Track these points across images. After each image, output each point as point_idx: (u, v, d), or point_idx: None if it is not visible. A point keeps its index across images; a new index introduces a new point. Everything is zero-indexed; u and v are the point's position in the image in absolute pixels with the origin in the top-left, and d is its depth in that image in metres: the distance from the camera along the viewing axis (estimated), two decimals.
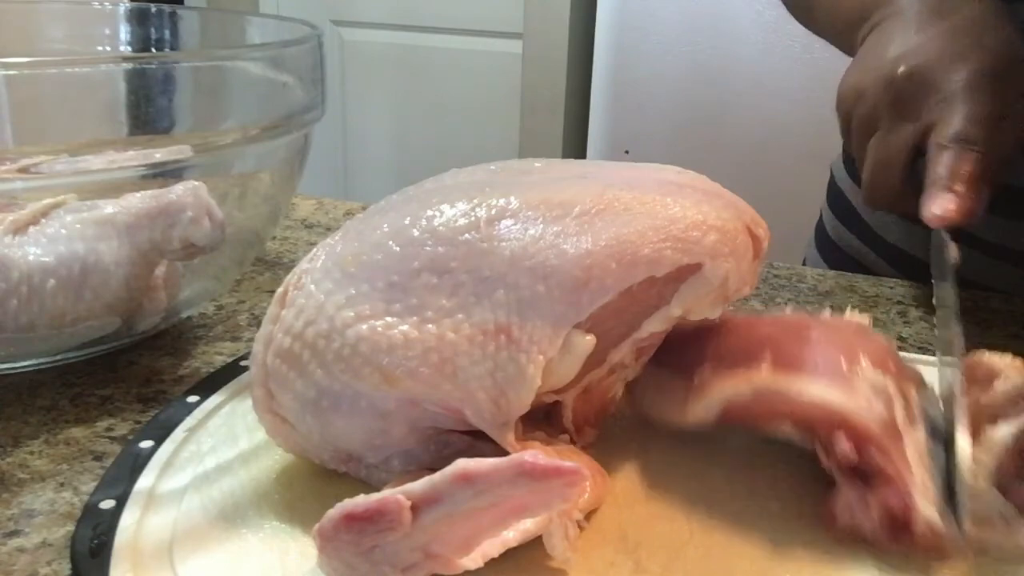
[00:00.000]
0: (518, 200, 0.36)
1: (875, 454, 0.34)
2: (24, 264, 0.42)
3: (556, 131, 1.96)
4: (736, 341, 0.39)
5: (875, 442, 0.34)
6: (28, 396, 0.45)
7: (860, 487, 0.34)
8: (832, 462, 0.35)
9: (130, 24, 0.65)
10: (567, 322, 0.34)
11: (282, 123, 0.49)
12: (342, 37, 2.17)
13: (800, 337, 0.39)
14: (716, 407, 0.37)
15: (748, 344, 0.39)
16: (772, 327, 0.40)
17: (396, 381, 0.33)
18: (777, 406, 0.36)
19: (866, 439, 0.34)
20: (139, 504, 0.35)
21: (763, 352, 0.37)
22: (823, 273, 0.67)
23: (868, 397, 0.35)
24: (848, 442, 0.34)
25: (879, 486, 0.34)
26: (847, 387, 0.35)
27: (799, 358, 0.37)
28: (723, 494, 0.37)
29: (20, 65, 0.41)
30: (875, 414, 0.35)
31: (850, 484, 0.34)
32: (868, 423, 0.34)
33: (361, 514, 0.28)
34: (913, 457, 0.34)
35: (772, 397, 0.36)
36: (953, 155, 0.46)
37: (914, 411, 0.36)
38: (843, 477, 0.35)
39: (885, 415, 0.35)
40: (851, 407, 0.35)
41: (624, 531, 0.35)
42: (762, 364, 0.37)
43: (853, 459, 0.34)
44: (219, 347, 0.51)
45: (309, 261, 0.36)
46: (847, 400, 0.35)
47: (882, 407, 0.35)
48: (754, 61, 1.59)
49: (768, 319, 0.41)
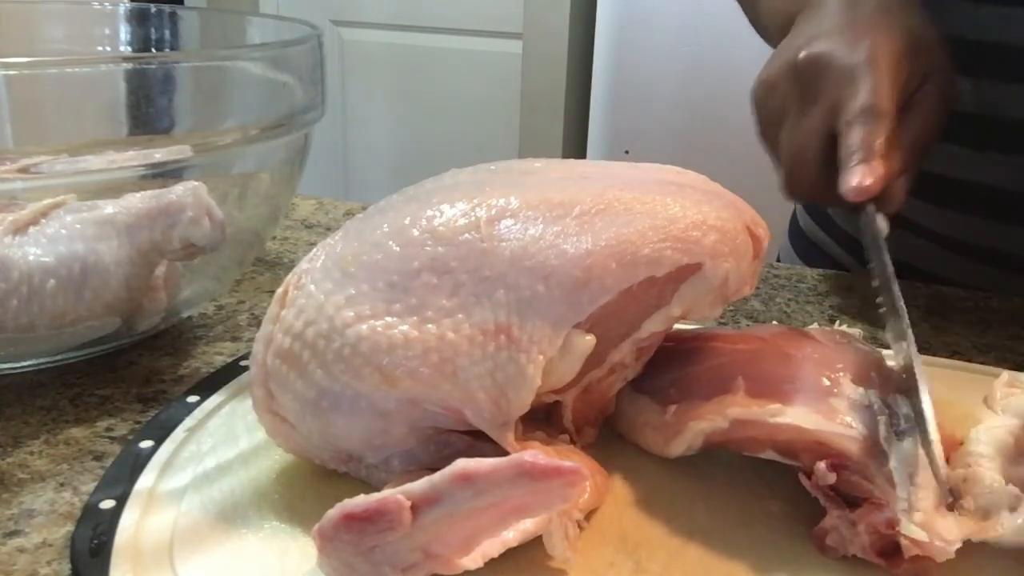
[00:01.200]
0: (518, 200, 0.36)
1: (855, 478, 0.33)
2: (24, 264, 0.42)
3: (556, 131, 1.96)
4: (710, 364, 0.39)
5: (854, 466, 0.33)
6: (28, 396, 0.45)
7: (845, 510, 0.33)
8: (814, 486, 0.34)
9: (130, 24, 0.65)
10: (567, 322, 0.34)
11: (282, 123, 0.49)
12: (342, 37, 2.17)
13: (778, 356, 0.38)
14: (697, 443, 0.37)
15: (724, 367, 0.38)
16: (749, 345, 0.39)
17: (396, 381, 0.33)
18: (755, 434, 0.36)
19: (844, 461, 0.34)
20: (139, 504, 0.35)
21: (737, 377, 0.37)
22: (823, 273, 0.67)
23: (846, 416, 0.35)
24: (827, 465, 0.34)
25: (863, 508, 0.33)
26: (824, 407, 0.35)
27: (775, 381, 0.36)
28: (723, 494, 0.37)
29: (20, 65, 0.41)
30: (854, 434, 0.34)
31: (836, 507, 0.34)
32: (846, 445, 0.34)
33: (361, 514, 0.28)
34: (900, 473, 0.33)
35: (748, 426, 0.36)
36: (861, 128, 0.47)
37: (901, 424, 0.35)
38: (827, 501, 0.34)
39: (865, 433, 0.34)
40: (828, 431, 0.34)
41: (624, 531, 0.35)
42: (737, 391, 0.36)
43: (831, 482, 0.33)
44: (219, 347, 0.51)
45: (309, 261, 0.36)
46: (824, 424, 0.34)
47: (862, 425, 0.34)
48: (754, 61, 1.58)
49: (746, 334, 0.41)
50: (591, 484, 0.34)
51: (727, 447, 0.37)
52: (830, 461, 0.34)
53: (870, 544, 0.33)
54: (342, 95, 2.20)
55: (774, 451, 0.36)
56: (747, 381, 0.37)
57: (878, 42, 0.49)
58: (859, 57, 0.48)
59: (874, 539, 0.32)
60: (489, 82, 2.04)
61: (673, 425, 0.38)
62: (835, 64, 0.49)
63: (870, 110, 0.47)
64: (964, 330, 0.57)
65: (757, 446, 0.36)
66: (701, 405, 0.37)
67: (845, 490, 0.34)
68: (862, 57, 0.48)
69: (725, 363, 0.38)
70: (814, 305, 0.60)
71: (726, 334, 0.41)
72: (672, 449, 0.38)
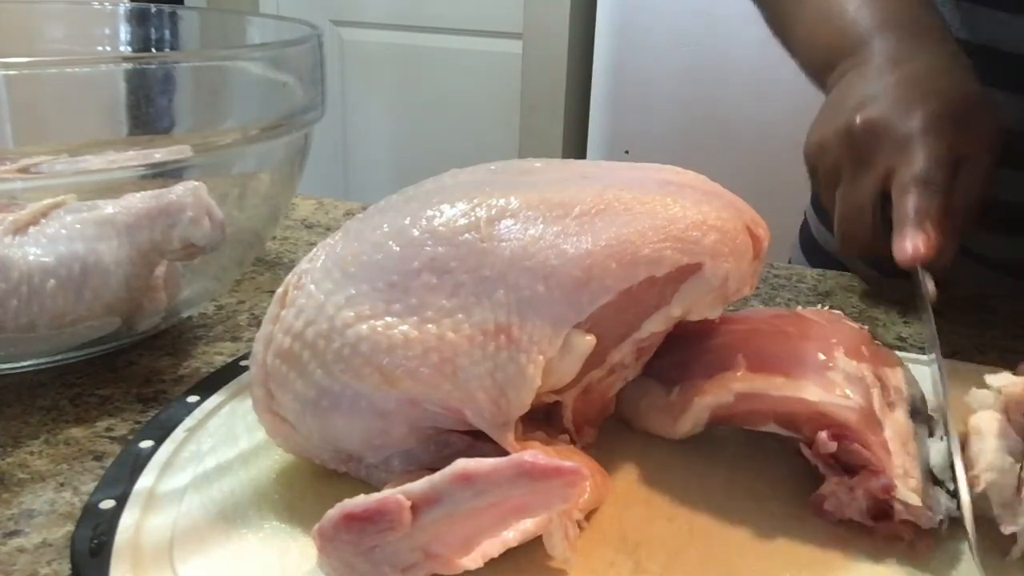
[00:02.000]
0: (518, 200, 0.36)
1: (854, 445, 0.35)
2: (24, 264, 0.42)
3: (556, 131, 1.96)
4: (712, 343, 0.40)
5: (853, 433, 0.35)
6: (28, 396, 0.45)
7: (844, 477, 0.35)
8: (815, 455, 0.36)
9: (130, 24, 0.65)
10: (567, 322, 0.34)
11: (282, 123, 0.49)
12: (342, 37, 2.17)
13: (774, 334, 0.40)
14: (703, 418, 0.38)
15: (724, 347, 0.39)
16: (746, 325, 0.41)
17: (396, 381, 0.33)
18: (758, 406, 0.37)
19: (844, 431, 0.35)
20: (139, 504, 0.35)
21: (739, 354, 0.38)
22: (823, 273, 0.67)
23: (844, 388, 0.36)
24: (827, 435, 0.35)
25: (861, 475, 0.34)
26: (823, 380, 0.36)
27: (774, 356, 0.38)
28: (723, 494, 0.37)
29: (20, 65, 0.41)
30: (852, 405, 0.35)
31: (834, 474, 0.35)
32: (845, 415, 0.35)
33: (361, 514, 0.28)
34: (893, 442, 0.35)
35: (752, 399, 0.37)
36: (915, 196, 0.48)
37: (892, 395, 0.38)
38: (827, 468, 0.36)
39: (862, 404, 0.36)
40: (827, 401, 0.36)
41: (624, 531, 0.35)
42: (738, 367, 0.38)
43: (832, 451, 0.35)
44: (219, 347, 0.51)
45: (309, 261, 0.36)
46: (823, 394, 0.36)
47: (859, 396, 0.36)
48: (754, 61, 1.59)
49: (741, 316, 0.42)
50: (591, 484, 0.34)
51: (731, 422, 0.38)
52: (831, 431, 0.35)
53: (866, 508, 0.34)
54: (342, 95, 2.20)
55: (776, 423, 0.37)
56: (747, 358, 0.38)
57: (932, 109, 0.50)
58: (914, 125, 0.49)
59: (870, 504, 0.34)
60: (489, 82, 2.04)
61: (679, 404, 0.39)
62: (891, 131, 0.50)
63: (923, 178, 0.48)
64: (964, 330, 0.57)
65: (760, 419, 0.37)
66: (704, 383, 0.38)
67: (844, 458, 0.35)
68: (917, 126, 0.49)
69: (724, 343, 0.40)
70: (814, 305, 0.60)
71: (723, 316, 0.42)
72: (679, 427, 0.39)
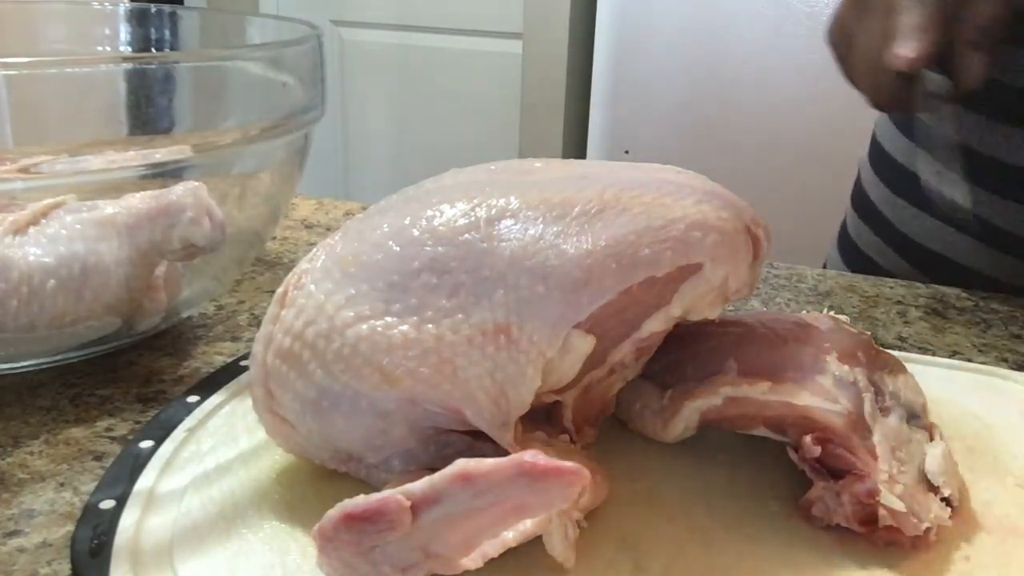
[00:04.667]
0: (518, 200, 0.36)
1: (839, 450, 0.35)
2: (24, 264, 0.42)
3: (556, 131, 1.96)
4: (705, 346, 0.40)
5: (838, 438, 0.35)
6: (28, 396, 0.45)
7: (830, 481, 0.35)
8: (801, 459, 0.36)
9: (130, 24, 0.65)
10: (567, 322, 0.34)
11: (282, 123, 0.49)
12: (342, 37, 2.17)
13: (766, 338, 0.40)
14: (693, 422, 0.39)
15: (716, 350, 0.40)
16: (741, 328, 0.41)
17: (396, 381, 0.33)
18: (747, 410, 0.37)
19: (829, 435, 0.35)
20: (139, 504, 0.35)
21: (730, 358, 0.39)
22: (823, 273, 0.67)
23: (832, 393, 0.36)
24: (811, 439, 0.35)
25: (846, 479, 0.34)
26: (811, 384, 0.37)
27: (764, 360, 0.38)
28: (723, 494, 0.37)
29: (20, 65, 0.41)
30: (839, 409, 0.36)
31: (821, 479, 0.35)
32: (831, 419, 0.35)
33: (361, 514, 0.28)
34: (882, 447, 0.35)
35: (741, 403, 0.37)
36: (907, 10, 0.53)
37: (887, 400, 0.38)
38: (814, 473, 0.36)
39: (850, 408, 0.36)
40: (813, 405, 0.36)
41: (624, 531, 0.35)
42: (729, 371, 0.38)
43: (816, 455, 0.35)
44: (219, 347, 0.51)
45: (309, 261, 0.36)
46: (810, 398, 0.36)
47: (847, 401, 0.36)
48: (754, 61, 1.59)
49: (735, 319, 0.42)
50: (591, 484, 0.34)
51: (722, 426, 0.38)
52: (815, 435, 0.35)
53: (852, 514, 0.34)
54: (342, 95, 2.20)
55: (765, 427, 0.37)
56: (738, 362, 0.38)
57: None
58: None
59: (856, 509, 0.34)
60: (489, 82, 2.04)
61: (670, 407, 0.39)
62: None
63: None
64: (964, 330, 0.57)
65: (749, 423, 0.38)
66: (695, 386, 0.39)
67: (830, 463, 0.35)
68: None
69: (717, 346, 0.40)
70: (814, 305, 0.60)
71: (720, 318, 0.42)
72: (670, 431, 0.39)
